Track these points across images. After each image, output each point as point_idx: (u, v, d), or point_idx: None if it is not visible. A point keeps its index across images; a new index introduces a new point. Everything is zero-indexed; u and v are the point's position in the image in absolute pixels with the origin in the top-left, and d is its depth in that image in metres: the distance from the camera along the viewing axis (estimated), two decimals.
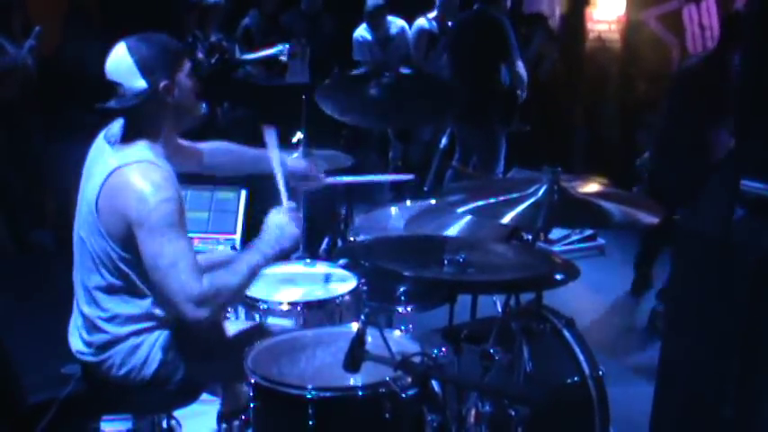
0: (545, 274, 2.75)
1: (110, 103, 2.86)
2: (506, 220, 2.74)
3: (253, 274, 2.87)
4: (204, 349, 3.01)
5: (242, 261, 2.86)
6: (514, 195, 2.83)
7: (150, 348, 2.94)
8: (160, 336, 2.96)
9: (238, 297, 2.96)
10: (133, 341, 2.93)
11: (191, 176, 3.48)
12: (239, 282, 2.82)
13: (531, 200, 2.77)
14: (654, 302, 5.14)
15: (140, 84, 2.81)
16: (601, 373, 3.10)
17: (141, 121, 2.88)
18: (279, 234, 2.94)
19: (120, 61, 2.82)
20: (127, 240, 2.78)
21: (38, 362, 3.95)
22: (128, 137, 2.87)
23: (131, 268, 2.85)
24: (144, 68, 2.81)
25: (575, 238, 6.66)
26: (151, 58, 2.83)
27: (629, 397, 3.58)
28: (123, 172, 2.77)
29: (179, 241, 2.74)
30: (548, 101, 8.22)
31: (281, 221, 2.97)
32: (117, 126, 2.95)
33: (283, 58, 3.57)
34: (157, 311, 2.95)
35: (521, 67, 6.39)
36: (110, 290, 2.90)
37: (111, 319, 2.92)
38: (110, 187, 2.78)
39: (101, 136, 2.98)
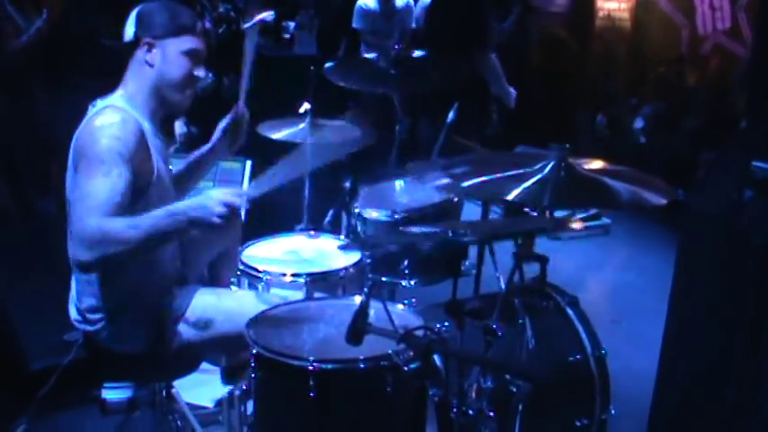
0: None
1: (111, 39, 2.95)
2: (511, 196, 2.72)
3: (156, 234, 2.75)
4: (197, 322, 3.02)
5: (149, 217, 2.74)
6: (520, 171, 2.81)
7: (141, 320, 2.96)
8: (151, 308, 2.97)
9: (134, 250, 2.75)
10: (123, 311, 2.94)
11: None
12: (134, 236, 2.69)
13: (538, 176, 2.75)
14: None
15: (130, 32, 2.92)
16: (603, 351, 3.11)
17: (126, 72, 2.96)
18: (198, 215, 2.76)
19: (135, 11, 2.95)
20: None
21: (41, 329, 3.97)
22: (114, 86, 2.95)
23: None
24: (138, 20, 2.93)
25: (580, 216, 6.64)
26: (149, 15, 2.93)
27: (631, 377, 3.58)
28: (92, 117, 2.83)
29: (99, 179, 2.70)
30: (554, 78, 8.19)
31: (208, 203, 2.77)
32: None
33: (269, 18, 3.53)
34: (147, 287, 2.96)
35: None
36: None
37: (101, 291, 2.93)
38: (78, 134, 2.83)
39: (89, 108, 3.00)
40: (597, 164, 2.92)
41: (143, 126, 2.87)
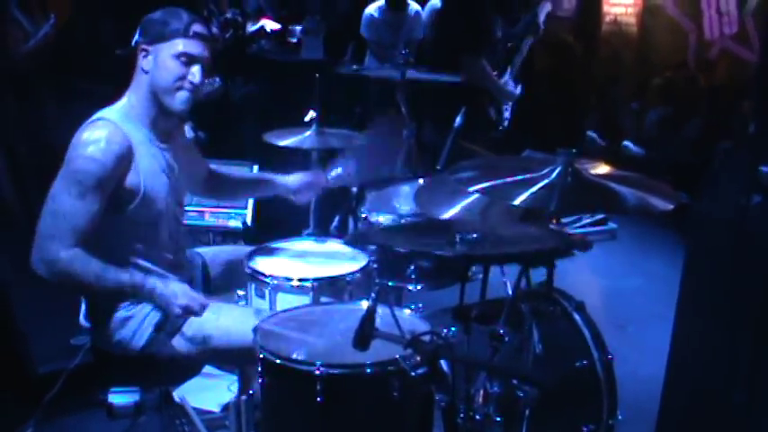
0: (557, 246, 2.74)
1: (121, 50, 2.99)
2: (518, 201, 2.71)
3: (112, 292, 2.88)
4: (196, 334, 3.02)
5: (119, 276, 2.86)
6: (527, 176, 2.81)
7: (139, 324, 2.98)
8: (151, 312, 2.98)
9: (87, 291, 2.98)
10: (124, 313, 2.95)
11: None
12: (95, 283, 2.82)
13: (545, 181, 2.75)
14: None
15: (135, 38, 2.97)
16: (610, 357, 3.09)
17: (127, 77, 2.99)
18: (167, 297, 2.91)
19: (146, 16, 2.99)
20: None
21: (48, 333, 3.97)
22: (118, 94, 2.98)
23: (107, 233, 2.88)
24: (142, 26, 2.97)
25: (586, 221, 6.63)
26: (148, 22, 2.96)
27: (638, 381, 3.57)
28: (82, 127, 2.86)
29: (74, 201, 2.76)
30: (561, 83, 8.19)
31: (179, 294, 2.93)
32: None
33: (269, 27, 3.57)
34: None
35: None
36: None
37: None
38: (72, 140, 2.86)
39: None
40: (603, 168, 2.92)
41: (132, 140, 2.89)
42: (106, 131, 2.82)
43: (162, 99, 2.97)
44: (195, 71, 2.96)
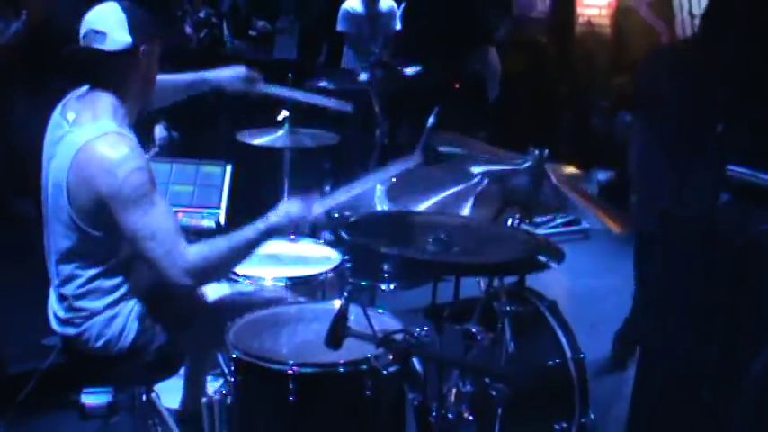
0: (529, 256, 2.74)
1: (90, 45, 2.83)
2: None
3: (247, 253, 2.88)
4: (181, 317, 3.02)
5: (243, 236, 2.85)
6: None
7: (126, 319, 2.94)
8: (135, 305, 2.95)
9: (229, 269, 2.96)
10: (108, 313, 2.92)
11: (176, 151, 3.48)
12: (232, 256, 2.85)
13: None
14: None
15: (125, 38, 2.80)
16: (582, 356, 3.12)
17: (111, 79, 2.85)
18: (286, 225, 2.91)
19: (110, 13, 2.82)
20: (97, 216, 2.76)
21: (19, 332, 3.95)
22: (89, 109, 2.84)
23: (102, 245, 2.84)
24: (134, 26, 2.82)
25: (559, 221, 6.66)
26: (143, 20, 2.85)
27: (610, 381, 3.60)
28: (90, 146, 2.73)
29: (154, 211, 2.73)
30: (534, 85, 8.22)
31: (298, 218, 2.93)
32: (73, 103, 2.92)
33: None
34: (130, 285, 2.95)
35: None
36: (82, 267, 2.88)
37: (84, 296, 2.91)
38: (78, 163, 2.73)
39: (56, 114, 2.95)
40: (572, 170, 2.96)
41: (137, 140, 2.88)
42: (126, 142, 2.77)
43: (147, 87, 2.97)
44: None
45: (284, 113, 4.07)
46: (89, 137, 2.75)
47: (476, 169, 3.10)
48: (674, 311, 3.08)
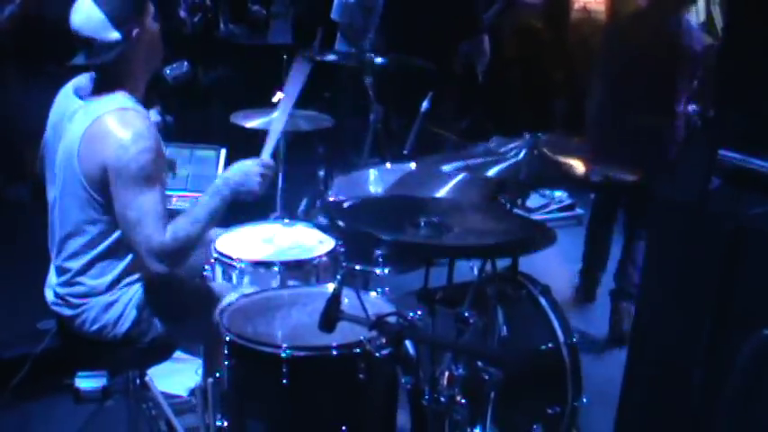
0: (521, 239, 2.75)
1: (86, 60, 2.82)
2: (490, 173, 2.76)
3: (212, 219, 2.91)
4: (178, 308, 3.02)
5: (202, 207, 2.88)
6: (494, 157, 2.85)
7: (124, 306, 2.94)
8: (135, 294, 2.96)
9: (200, 243, 2.95)
10: (108, 298, 2.93)
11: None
12: (199, 229, 2.86)
13: (511, 161, 2.79)
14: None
15: (114, 36, 2.78)
16: (575, 340, 3.13)
17: (118, 71, 2.85)
18: (241, 181, 2.93)
19: (90, 16, 2.78)
20: (104, 186, 2.78)
21: (13, 317, 3.95)
22: (103, 89, 2.85)
23: (111, 222, 2.85)
24: (116, 20, 2.78)
25: (553, 207, 6.67)
26: (119, 7, 2.80)
27: (603, 365, 3.62)
28: (105, 120, 2.76)
29: (150, 194, 2.75)
30: (528, 71, 8.20)
31: (248, 170, 2.95)
32: (85, 79, 2.93)
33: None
34: (135, 269, 2.95)
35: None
36: (92, 242, 2.89)
37: (87, 271, 2.92)
38: (91, 135, 2.76)
39: (67, 90, 2.97)
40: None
41: (150, 118, 2.89)
42: (140, 119, 2.79)
43: (153, 61, 2.97)
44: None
45: (279, 95, 4.06)
46: (106, 109, 2.78)
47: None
48: (665, 293, 3.09)
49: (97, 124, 2.75)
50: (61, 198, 2.89)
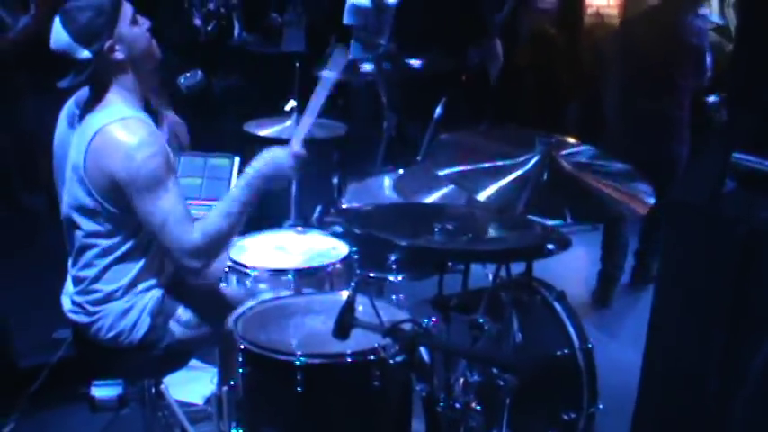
0: (536, 244, 2.75)
1: (65, 82, 2.83)
2: (482, 196, 2.74)
3: (244, 211, 2.88)
4: (193, 314, 3.03)
5: (232, 199, 2.87)
6: (502, 163, 2.83)
7: (140, 313, 2.95)
8: (150, 300, 2.96)
9: (231, 236, 2.95)
10: (123, 304, 2.93)
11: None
12: (233, 222, 2.85)
13: (519, 172, 2.77)
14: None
15: (84, 54, 2.77)
16: (590, 345, 3.11)
17: (104, 84, 2.85)
18: (273, 171, 2.92)
19: (59, 37, 2.78)
20: (117, 199, 2.78)
21: (30, 326, 3.97)
22: (99, 100, 2.85)
23: (122, 225, 2.85)
24: (81, 39, 2.76)
25: None
26: (84, 26, 2.77)
27: (619, 370, 3.59)
28: (108, 130, 2.75)
29: (168, 196, 2.75)
30: (543, 74, 8.19)
31: (280, 159, 2.94)
32: (86, 92, 2.94)
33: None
34: (150, 272, 2.96)
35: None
36: (105, 252, 2.90)
37: (102, 278, 2.92)
38: (96, 147, 2.76)
39: (70, 105, 2.98)
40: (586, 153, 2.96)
41: (153, 123, 2.89)
42: (143, 126, 2.78)
43: (144, 63, 2.93)
44: (140, 18, 2.92)
45: (292, 103, 4.07)
46: (106, 120, 2.77)
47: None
48: (680, 298, 3.08)
49: (101, 136, 2.76)
50: (72, 211, 2.91)
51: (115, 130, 2.75)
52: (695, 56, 5.08)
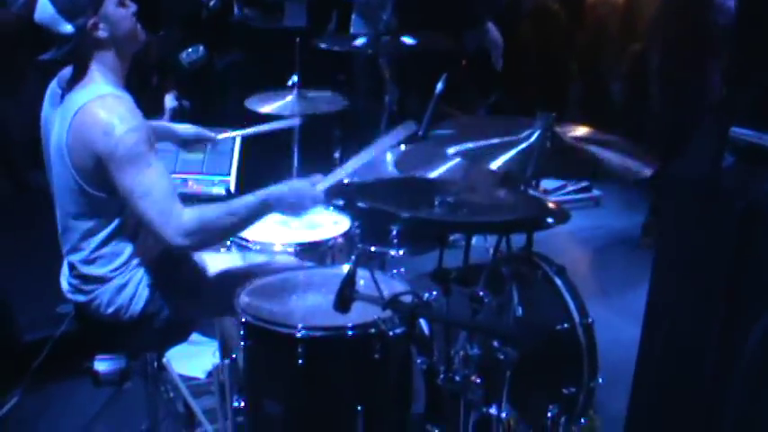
0: (536, 216, 2.75)
1: (47, 55, 2.84)
2: (495, 165, 2.73)
3: (247, 220, 2.87)
4: (190, 285, 3.05)
5: (243, 203, 2.85)
6: (506, 139, 2.83)
7: (136, 287, 2.96)
8: (146, 273, 2.98)
9: (227, 237, 2.95)
10: (119, 281, 2.94)
11: None
12: (234, 222, 2.84)
13: (523, 145, 2.77)
14: None
15: (67, 28, 2.78)
16: (590, 320, 3.12)
17: (85, 61, 2.85)
18: (293, 201, 2.90)
19: (43, 9, 2.80)
20: (98, 177, 2.78)
21: (34, 301, 3.98)
22: (80, 78, 2.85)
23: (106, 208, 2.86)
24: (66, 12, 2.78)
25: (570, 188, 6.66)
26: (69, 0, 2.79)
27: (620, 346, 3.60)
28: (87, 108, 2.75)
29: (149, 171, 2.74)
30: (545, 51, 8.17)
31: (304, 193, 2.92)
32: (68, 71, 2.94)
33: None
34: (137, 253, 2.97)
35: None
36: (89, 233, 2.90)
37: (91, 262, 2.94)
38: (77, 126, 2.76)
39: (53, 85, 2.98)
40: (584, 131, 2.95)
41: (132, 100, 2.88)
42: (122, 103, 2.79)
43: (127, 46, 2.92)
44: (128, 1, 2.92)
45: (293, 79, 4.06)
46: (86, 99, 2.77)
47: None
48: (679, 271, 3.08)
49: (81, 115, 2.76)
50: (57, 192, 2.92)
51: (94, 107, 2.75)
52: (719, 35, 5.07)
